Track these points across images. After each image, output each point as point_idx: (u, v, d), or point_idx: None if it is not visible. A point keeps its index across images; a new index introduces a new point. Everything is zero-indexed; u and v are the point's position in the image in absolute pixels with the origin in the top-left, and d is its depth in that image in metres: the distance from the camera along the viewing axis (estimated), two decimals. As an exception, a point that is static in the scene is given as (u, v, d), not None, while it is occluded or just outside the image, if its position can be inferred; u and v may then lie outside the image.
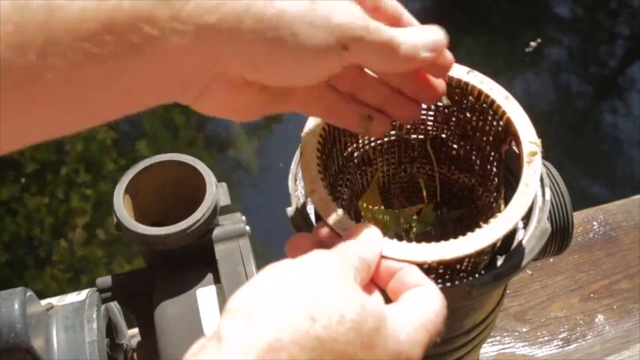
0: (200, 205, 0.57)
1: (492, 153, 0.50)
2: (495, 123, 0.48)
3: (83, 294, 0.60)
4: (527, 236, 0.45)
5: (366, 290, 0.35)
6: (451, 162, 0.55)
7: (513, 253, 0.44)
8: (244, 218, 0.62)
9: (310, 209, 0.47)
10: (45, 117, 0.29)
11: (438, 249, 0.39)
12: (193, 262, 0.60)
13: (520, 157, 0.44)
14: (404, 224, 0.55)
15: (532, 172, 0.43)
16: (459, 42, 2.30)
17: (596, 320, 0.80)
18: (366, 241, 0.36)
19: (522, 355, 0.77)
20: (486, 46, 2.33)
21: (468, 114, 0.50)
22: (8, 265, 1.75)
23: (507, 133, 0.47)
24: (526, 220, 0.46)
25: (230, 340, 0.28)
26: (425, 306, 0.34)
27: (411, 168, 0.57)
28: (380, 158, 0.56)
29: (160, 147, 1.95)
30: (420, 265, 0.38)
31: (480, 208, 0.53)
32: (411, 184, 0.58)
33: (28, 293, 0.54)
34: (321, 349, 0.29)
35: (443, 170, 0.56)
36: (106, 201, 1.76)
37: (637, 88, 2.25)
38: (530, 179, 0.42)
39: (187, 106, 0.35)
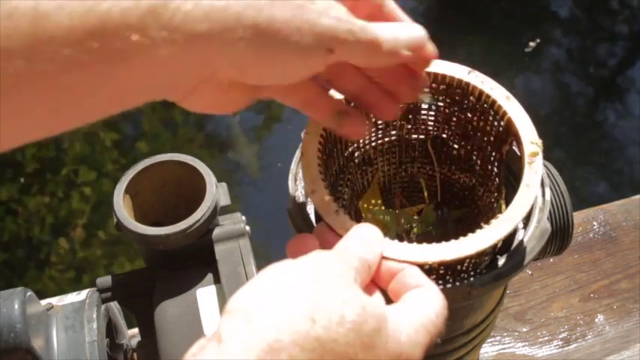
0: (200, 205, 0.57)
1: (493, 153, 0.50)
2: (496, 123, 0.48)
3: (83, 294, 0.60)
4: (527, 236, 0.45)
5: (367, 291, 0.35)
6: (452, 162, 0.55)
7: (513, 253, 0.44)
8: (244, 218, 0.62)
9: (310, 209, 0.47)
10: (32, 120, 0.30)
11: (439, 250, 0.39)
12: (193, 262, 0.60)
13: (521, 158, 0.44)
14: (405, 224, 0.55)
15: (533, 173, 0.43)
16: (459, 42, 2.30)
17: (596, 320, 0.80)
18: (367, 242, 0.36)
19: (522, 355, 0.77)
20: (486, 46, 2.33)
21: (469, 114, 0.50)
22: (8, 266, 1.75)
23: (508, 134, 0.47)
24: (526, 220, 0.46)
25: (230, 341, 0.28)
26: (426, 307, 0.34)
27: (412, 168, 0.57)
28: (381, 158, 0.56)
29: (160, 146, 1.95)
30: (421, 266, 0.38)
31: (481, 209, 0.53)
32: (412, 184, 0.58)
33: (28, 293, 0.54)
34: (321, 350, 0.29)
35: (444, 170, 0.56)
36: (106, 201, 1.76)
37: (637, 88, 2.25)
38: (531, 180, 0.42)
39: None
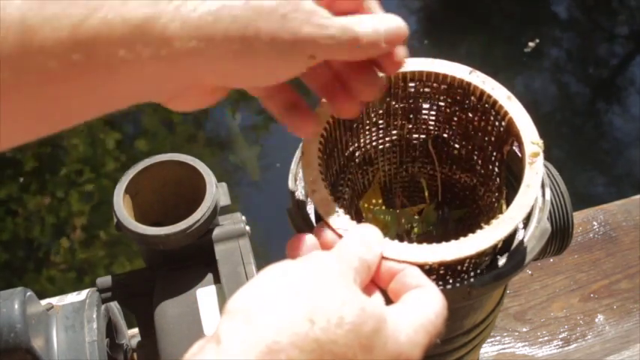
0: (200, 205, 0.57)
1: (494, 153, 0.50)
2: (497, 123, 0.48)
3: (83, 294, 0.60)
4: (527, 236, 0.45)
5: (367, 291, 0.35)
6: (453, 162, 0.55)
7: (513, 253, 0.44)
8: (244, 218, 0.62)
9: (310, 209, 0.47)
10: (18, 124, 0.30)
11: (439, 250, 0.39)
12: (193, 262, 0.60)
13: (522, 158, 0.44)
14: (405, 224, 0.55)
15: (534, 173, 0.42)
16: (459, 42, 2.30)
17: (596, 320, 0.80)
18: (367, 242, 0.36)
19: (522, 355, 0.77)
20: (486, 46, 2.33)
21: (470, 114, 0.50)
22: (8, 267, 1.75)
23: (509, 134, 0.47)
24: (526, 220, 0.46)
25: (229, 342, 0.28)
26: (425, 307, 0.34)
27: (413, 168, 0.57)
28: (381, 158, 0.56)
29: (160, 146, 1.95)
30: (421, 266, 0.38)
31: (482, 208, 0.53)
32: (413, 184, 0.58)
33: (28, 293, 0.54)
34: (320, 351, 0.29)
35: (444, 170, 0.56)
36: (107, 201, 1.76)
37: (636, 88, 2.25)
38: (531, 180, 0.42)
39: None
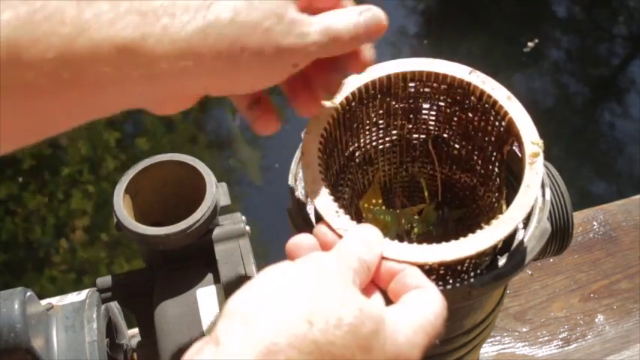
0: (200, 205, 0.57)
1: (494, 153, 0.50)
2: (497, 123, 0.48)
3: (83, 294, 0.60)
4: (527, 236, 0.45)
5: (366, 291, 0.35)
6: (453, 162, 0.55)
7: (513, 253, 0.44)
8: (244, 218, 0.62)
9: (310, 209, 0.47)
10: (4, 135, 0.31)
11: (439, 250, 0.39)
12: (193, 262, 0.60)
13: (522, 158, 0.44)
14: (405, 224, 0.55)
15: (534, 174, 0.42)
16: (459, 42, 2.30)
17: (596, 320, 0.80)
18: (366, 243, 0.36)
19: (522, 355, 0.77)
20: (486, 46, 2.33)
21: (470, 114, 0.50)
22: (7, 267, 1.74)
23: (509, 134, 0.47)
24: (526, 220, 0.46)
25: (227, 343, 0.28)
26: (424, 308, 0.34)
27: (413, 168, 0.57)
28: (381, 158, 0.56)
29: (160, 145, 1.95)
30: (421, 267, 0.38)
31: (482, 209, 0.53)
32: (413, 184, 0.58)
33: (28, 293, 0.54)
34: (319, 353, 0.29)
35: (444, 170, 0.56)
36: (108, 202, 1.76)
37: (636, 88, 2.25)
38: (531, 180, 0.42)
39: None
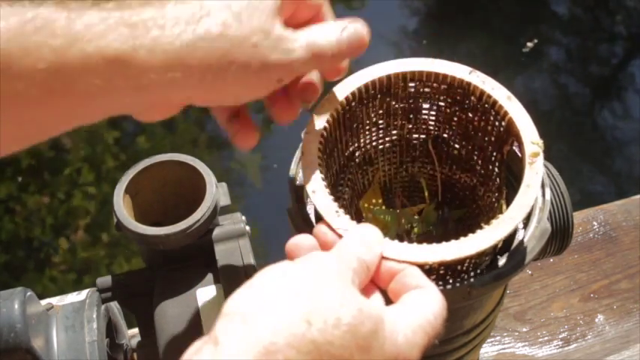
0: (200, 205, 0.57)
1: (494, 153, 0.50)
2: (497, 123, 0.48)
3: (83, 294, 0.60)
4: (527, 236, 0.45)
5: (366, 291, 0.35)
6: (453, 162, 0.55)
7: (513, 253, 0.44)
8: (244, 218, 0.62)
9: (310, 209, 0.47)
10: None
11: (439, 250, 0.39)
12: (193, 262, 0.60)
13: (522, 158, 0.44)
14: (405, 224, 0.55)
15: (534, 174, 0.42)
16: (459, 42, 2.30)
17: (596, 320, 0.80)
18: (366, 243, 0.37)
19: (522, 355, 0.77)
20: (486, 46, 2.33)
21: (470, 114, 0.50)
22: (7, 268, 1.74)
23: (509, 134, 0.47)
24: (526, 220, 0.46)
25: (226, 343, 0.28)
26: (424, 308, 0.34)
27: (413, 168, 0.57)
28: (381, 158, 0.56)
29: (160, 145, 1.95)
30: (421, 266, 0.38)
31: (482, 208, 0.53)
32: (413, 184, 0.58)
33: (28, 293, 0.54)
34: (317, 353, 0.29)
35: (444, 170, 0.56)
36: (108, 202, 1.76)
37: (636, 88, 2.25)
38: (531, 180, 0.42)
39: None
